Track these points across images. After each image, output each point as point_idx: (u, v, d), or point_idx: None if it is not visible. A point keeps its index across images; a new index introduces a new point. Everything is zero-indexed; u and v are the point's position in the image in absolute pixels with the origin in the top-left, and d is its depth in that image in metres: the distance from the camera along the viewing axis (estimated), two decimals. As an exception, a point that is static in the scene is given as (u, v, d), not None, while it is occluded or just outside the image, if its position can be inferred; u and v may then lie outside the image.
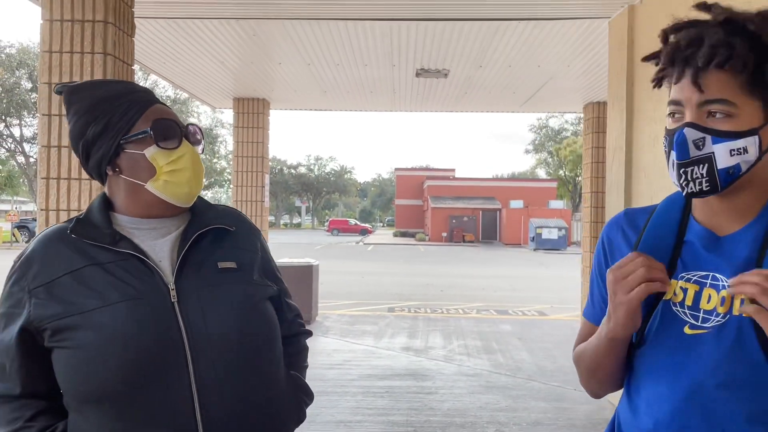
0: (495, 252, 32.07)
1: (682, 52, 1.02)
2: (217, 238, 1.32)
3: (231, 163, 9.52)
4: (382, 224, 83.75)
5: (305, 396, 1.44)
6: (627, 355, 1.17)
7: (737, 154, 0.99)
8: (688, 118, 1.02)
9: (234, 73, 7.68)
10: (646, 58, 1.11)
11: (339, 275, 16.75)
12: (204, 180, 1.36)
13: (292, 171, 69.40)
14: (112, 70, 3.67)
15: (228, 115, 47.91)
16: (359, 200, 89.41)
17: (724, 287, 1.04)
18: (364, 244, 39.31)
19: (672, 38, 1.07)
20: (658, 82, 1.09)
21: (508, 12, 5.28)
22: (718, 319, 1.04)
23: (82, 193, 3.64)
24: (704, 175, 1.01)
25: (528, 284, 15.70)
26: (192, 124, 1.34)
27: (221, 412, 1.19)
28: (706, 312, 1.05)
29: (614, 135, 5.15)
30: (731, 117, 0.99)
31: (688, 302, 1.07)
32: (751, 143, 0.99)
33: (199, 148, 1.35)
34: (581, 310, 7.16)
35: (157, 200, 1.27)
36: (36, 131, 30.98)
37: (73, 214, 3.60)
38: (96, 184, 3.63)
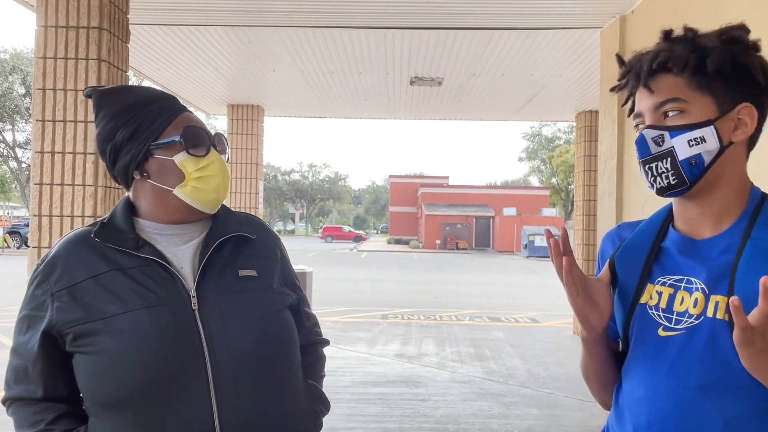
0: (488, 259, 32.11)
1: (634, 67, 1.12)
2: (238, 245, 1.32)
3: (225, 169, 9.48)
4: (376, 231, 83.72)
5: (322, 406, 1.45)
6: (618, 363, 1.21)
7: (696, 144, 1.05)
8: (647, 122, 1.09)
9: (228, 80, 7.70)
10: (613, 89, 1.20)
11: (333, 282, 16.73)
12: (228, 189, 1.37)
13: (286, 178, 69.34)
14: (106, 76, 3.68)
15: (222, 122, 47.87)
16: (353, 207, 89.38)
17: (698, 290, 1.06)
18: (358, 251, 39.28)
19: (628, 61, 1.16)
20: (630, 109, 1.16)
21: (501, 21, 5.33)
22: (691, 320, 1.06)
23: (75, 199, 3.64)
24: (669, 169, 1.06)
25: (521, 291, 15.72)
26: (219, 133, 1.36)
27: (240, 421, 1.18)
28: (679, 314, 1.07)
29: (606, 143, 5.19)
30: (684, 113, 1.06)
31: (662, 305, 1.10)
32: (707, 133, 1.04)
33: (226, 156, 1.35)
34: (573, 318, 7.21)
35: (184, 206, 1.28)
36: (29, 136, 30.90)
37: (66, 220, 3.62)
38: (90, 189, 3.63)
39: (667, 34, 1.11)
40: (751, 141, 1.11)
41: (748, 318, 0.88)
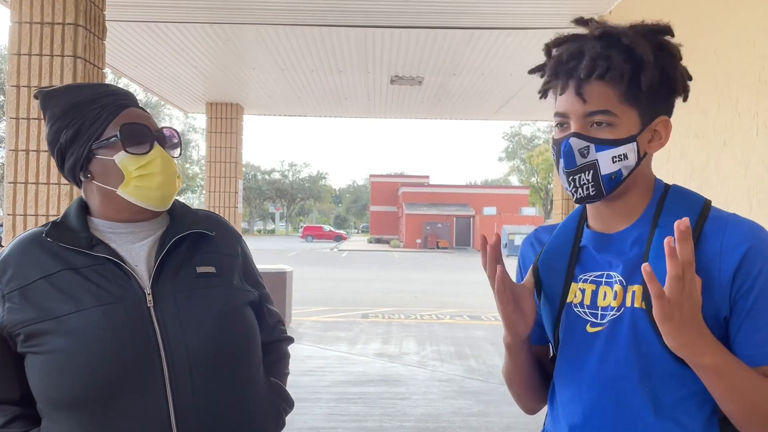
0: (468, 258, 32.26)
1: (565, 65, 1.08)
2: (196, 242, 1.30)
3: (204, 168, 9.43)
4: (356, 231, 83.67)
5: (285, 404, 1.43)
6: (549, 368, 1.23)
7: (618, 161, 1.06)
8: (573, 129, 1.07)
9: (207, 78, 7.64)
10: (532, 71, 1.18)
11: (313, 282, 16.68)
12: (179, 186, 1.34)
13: (266, 177, 68.97)
14: (82, 74, 3.63)
15: (201, 120, 47.48)
16: (334, 206, 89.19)
17: (617, 282, 1.08)
18: (339, 250, 39.21)
19: (555, 51, 1.13)
20: (544, 93, 1.16)
21: (480, 21, 5.35)
22: (613, 313, 1.07)
23: (50, 198, 3.58)
24: (590, 181, 1.07)
25: (501, 290, 15.81)
26: (167, 127, 1.32)
27: (197, 419, 1.17)
28: (603, 308, 1.09)
29: (584, 143, 5.25)
30: (612, 126, 1.05)
31: (587, 301, 1.12)
32: (630, 150, 1.06)
33: (176, 152, 1.33)
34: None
35: (131, 205, 1.26)
36: (2, 134, 30.33)
37: (42, 219, 3.55)
38: (65, 188, 3.58)
39: (603, 34, 1.07)
40: None
41: (663, 289, 0.91)
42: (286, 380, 1.49)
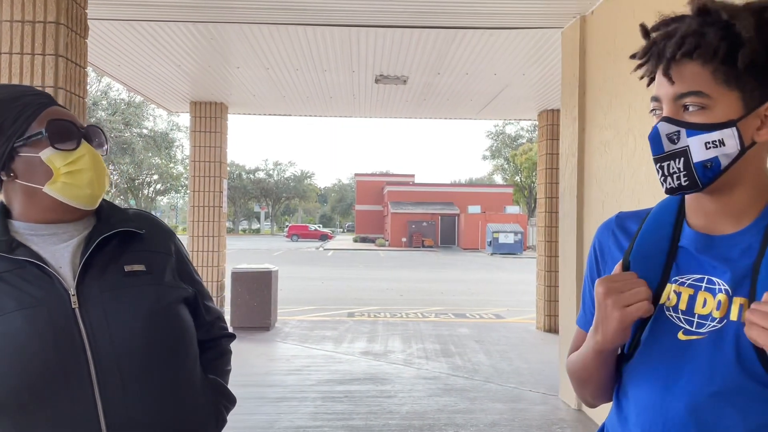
0: (453, 256, 32.37)
1: (657, 46, 1.00)
2: (125, 241, 1.27)
3: (188, 167, 9.38)
4: (342, 230, 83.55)
5: (226, 401, 1.41)
6: (617, 365, 1.13)
7: (713, 147, 0.95)
8: (665, 113, 0.99)
9: (191, 77, 7.60)
10: (633, 56, 1.07)
11: (299, 281, 16.65)
12: (108, 184, 1.31)
13: (251, 176, 68.65)
14: (64, 72, 3.60)
15: (185, 119, 47.16)
16: (319, 206, 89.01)
17: (721, 291, 0.99)
18: (324, 249, 39.15)
19: (653, 35, 1.03)
20: (649, 79, 1.06)
21: (464, 21, 5.38)
22: (713, 324, 0.98)
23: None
24: (681, 170, 0.98)
25: (485, 288, 15.91)
26: (93, 125, 1.29)
27: (128, 419, 1.15)
28: (701, 317, 1.00)
29: (567, 142, 5.30)
30: (705, 109, 0.95)
31: (682, 306, 1.02)
32: (728, 135, 0.95)
33: (102, 150, 1.29)
34: (536, 313, 7.37)
35: (57, 204, 1.22)
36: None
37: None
38: None
39: (701, 10, 0.97)
40: None
41: None
42: (228, 377, 1.47)
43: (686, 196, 1.08)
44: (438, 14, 5.25)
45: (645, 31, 1.03)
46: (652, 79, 1.04)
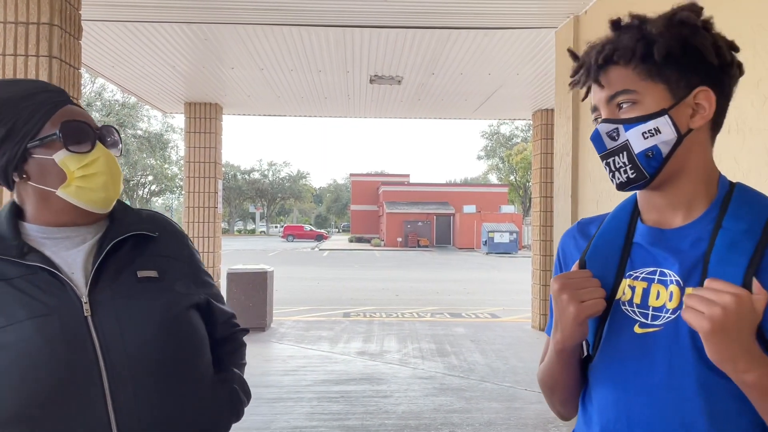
0: (449, 256, 32.40)
1: (585, 61, 1.08)
2: (138, 245, 1.24)
3: (182, 168, 9.37)
4: (337, 230, 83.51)
5: (245, 396, 1.39)
6: (583, 369, 1.15)
7: (651, 136, 1.01)
8: (603, 116, 1.06)
9: (185, 78, 7.58)
10: (570, 85, 1.16)
11: (294, 281, 16.64)
12: (122, 187, 1.28)
13: (246, 177, 68.54)
14: (58, 74, 3.59)
15: (179, 120, 47.06)
16: (315, 206, 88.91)
17: (672, 282, 1.01)
18: (320, 249, 39.12)
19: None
20: (585, 95, 1.14)
21: (458, 21, 5.39)
22: (668, 315, 1.00)
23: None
24: (626, 163, 1.03)
25: (481, 287, 15.93)
26: (107, 126, 1.26)
27: (141, 429, 1.13)
28: (655, 309, 1.02)
29: (561, 141, 5.31)
30: (636, 104, 1.02)
31: (637, 300, 1.05)
32: (662, 123, 1.01)
33: (116, 150, 1.26)
34: (532, 312, 7.38)
35: (70, 207, 1.19)
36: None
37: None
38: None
39: (615, 24, 1.07)
40: (715, 125, 1.06)
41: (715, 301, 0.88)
42: (244, 370, 1.45)
43: (638, 195, 1.12)
44: (432, 14, 5.26)
45: (574, 55, 1.13)
46: (586, 94, 1.12)
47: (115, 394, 1.11)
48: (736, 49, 1.06)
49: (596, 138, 1.06)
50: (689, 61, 1.01)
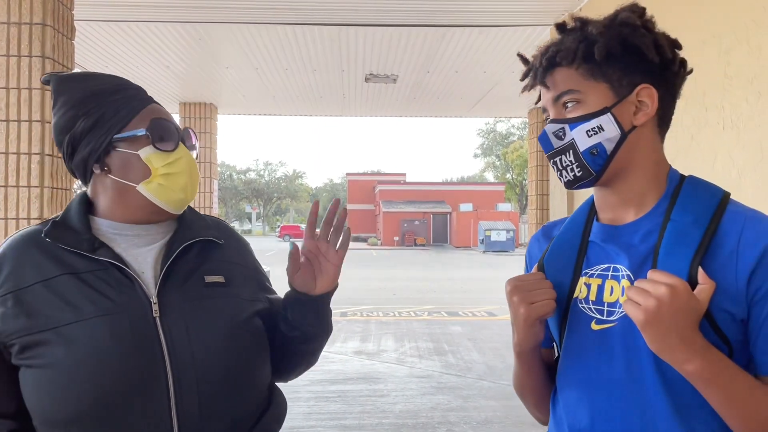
0: (446, 255, 32.41)
1: (533, 65, 1.12)
2: (205, 250, 1.23)
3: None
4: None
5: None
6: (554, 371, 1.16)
7: (595, 134, 1.03)
8: (551, 117, 1.09)
9: (180, 78, 7.56)
10: (523, 89, 1.19)
11: (290, 281, 16.62)
12: (198, 190, 1.28)
13: (242, 177, 68.48)
14: (51, 74, 3.57)
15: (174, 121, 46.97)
16: (311, 205, 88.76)
17: (624, 277, 1.02)
18: (316, 249, 39.05)
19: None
20: (538, 98, 1.16)
21: (453, 18, 5.38)
22: (621, 310, 1.01)
23: (20, 201, 3.52)
24: (573, 161, 1.05)
25: (478, 286, 15.94)
26: (188, 128, 1.27)
27: None
28: (609, 305, 1.03)
29: (557, 139, 5.32)
30: (580, 103, 1.04)
31: (592, 297, 1.06)
32: (605, 121, 1.02)
33: (195, 152, 1.27)
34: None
35: (147, 204, 1.18)
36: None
37: (11, 223, 3.49)
38: (36, 191, 3.51)
39: (560, 27, 1.11)
40: (663, 121, 1.08)
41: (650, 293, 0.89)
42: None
43: (594, 194, 1.14)
44: (427, 12, 5.24)
45: (524, 60, 1.16)
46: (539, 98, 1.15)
47: (179, 400, 1.07)
48: (679, 47, 1.08)
49: (543, 138, 1.09)
50: (630, 59, 1.03)
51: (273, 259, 26.83)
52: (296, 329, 1.29)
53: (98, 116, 1.15)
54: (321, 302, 1.32)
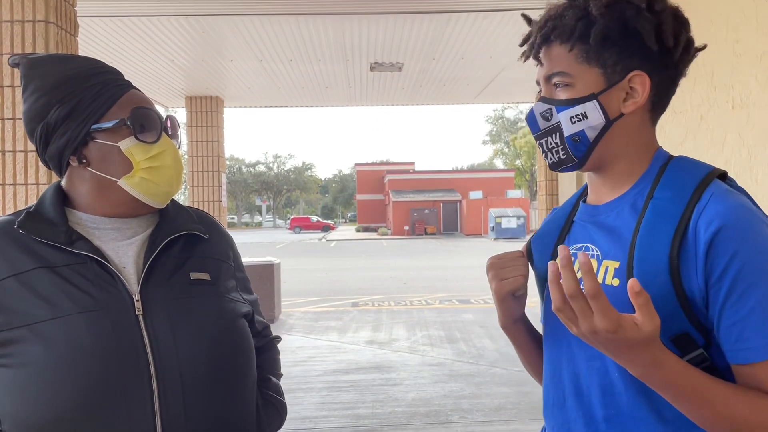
0: (456, 243, 32.38)
1: (533, 32, 1.07)
2: (189, 244, 1.17)
3: (185, 163, 9.39)
4: (344, 220, 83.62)
5: (283, 405, 1.33)
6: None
7: (578, 121, 1.00)
8: (542, 94, 1.06)
9: (185, 71, 7.56)
10: (522, 54, 1.14)
11: (302, 273, 16.68)
12: (182, 181, 1.23)
13: (251, 170, 68.67)
14: (55, 71, 3.57)
15: (180, 114, 47.09)
16: (320, 197, 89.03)
17: (593, 256, 1.02)
18: (327, 240, 39.19)
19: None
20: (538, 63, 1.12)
21: (458, 4, 5.34)
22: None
23: (29, 199, 3.54)
24: (558, 144, 1.03)
25: (489, 273, 15.90)
26: (171, 116, 1.19)
27: None
28: (580, 281, 1.00)
29: (565, 123, 5.27)
30: (570, 86, 1.00)
31: None
32: (590, 108, 0.99)
33: (177, 142, 1.19)
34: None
35: (129, 199, 1.12)
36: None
37: None
38: (44, 188, 3.54)
39: None
40: (657, 105, 1.03)
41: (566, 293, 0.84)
42: (280, 379, 1.41)
43: (586, 177, 1.13)
44: (430, -1, 5.21)
45: (528, 21, 1.11)
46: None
47: (163, 399, 1.02)
48: (687, 28, 1.01)
49: (530, 117, 1.07)
50: (628, 43, 0.98)
51: (284, 251, 26.98)
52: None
53: (74, 104, 1.08)
54: None
